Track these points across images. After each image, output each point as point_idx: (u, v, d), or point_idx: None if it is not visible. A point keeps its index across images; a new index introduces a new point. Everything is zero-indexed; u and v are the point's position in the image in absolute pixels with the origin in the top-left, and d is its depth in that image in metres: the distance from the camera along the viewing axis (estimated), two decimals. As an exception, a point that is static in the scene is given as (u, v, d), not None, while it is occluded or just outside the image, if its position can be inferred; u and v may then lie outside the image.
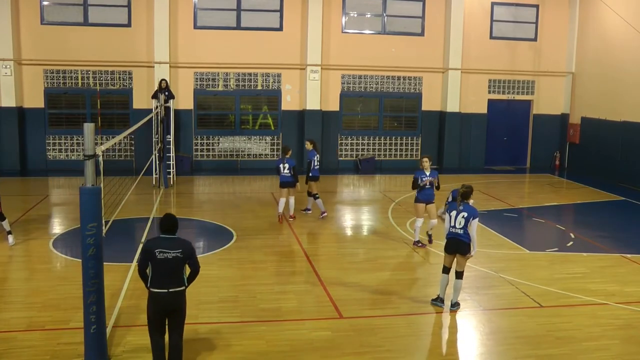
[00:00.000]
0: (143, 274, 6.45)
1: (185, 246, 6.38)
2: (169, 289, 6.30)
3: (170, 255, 6.28)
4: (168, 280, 6.30)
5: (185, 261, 6.37)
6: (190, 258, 6.40)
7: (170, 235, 6.41)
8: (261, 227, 13.30)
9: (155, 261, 6.29)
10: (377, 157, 21.89)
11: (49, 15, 19.52)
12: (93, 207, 6.65)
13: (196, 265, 6.48)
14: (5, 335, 7.64)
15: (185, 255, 6.35)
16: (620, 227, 14.28)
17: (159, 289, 6.32)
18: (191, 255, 6.42)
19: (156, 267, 6.31)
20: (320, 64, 20.67)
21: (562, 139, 22.84)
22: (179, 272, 6.35)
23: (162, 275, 6.31)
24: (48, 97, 19.80)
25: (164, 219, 6.48)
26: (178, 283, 6.37)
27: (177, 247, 6.33)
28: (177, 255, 6.30)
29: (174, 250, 6.30)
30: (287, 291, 9.47)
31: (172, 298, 6.34)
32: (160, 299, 6.33)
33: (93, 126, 6.69)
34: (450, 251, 8.77)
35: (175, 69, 20.04)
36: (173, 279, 6.32)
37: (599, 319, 8.64)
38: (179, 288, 6.37)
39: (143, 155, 19.15)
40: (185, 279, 6.46)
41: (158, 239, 6.43)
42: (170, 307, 6.38)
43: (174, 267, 6.31)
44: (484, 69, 22.06)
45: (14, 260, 10.86)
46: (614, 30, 19.99)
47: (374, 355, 7.37)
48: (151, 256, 6.30)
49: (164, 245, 6.33)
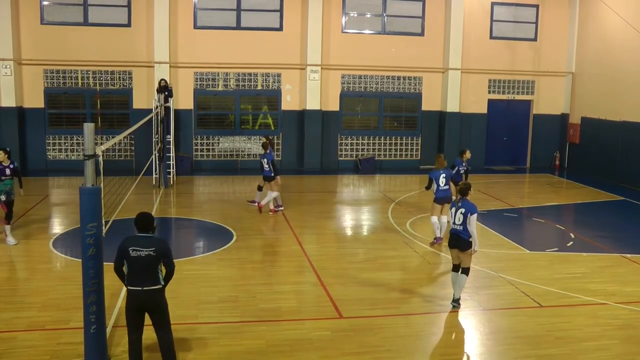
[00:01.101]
0: (118, 271, 6.54)
1: (159, 245, 6.41)
2: (143, 286, 6.35)
3: (143, 254, 6.32)
4: (142, 278, 6.35)
5: (159, 260, 6.39)
6: (164, 257, 6.41)
7: (145, 234, 6.46)
8: (261, 227, 13.31)
9: (129, 259, 6.36)
10: (377, 157, 21.89)
11: (49, 15, 19.52)
12: (93, 207, 6.65)
13: (171, 264, 6.47)
14: (5, 335, 7.64)
15: (159, 253, 6.37)
16: (620, 227, 14.28)
17: (133, 287, 6.38)
18: (165, 254, 6.42)
19: (130, 265, 6.38)
20: (320, 64, 20.68)
21: (562, 139, 22.84)
22: (153, 271, 6.37)
23: (136, 273, 6.36)
24: (48, 97, 19.81)
25: (139, 217, 6.53)
26: (153, 281, 6.39)
27: (150, 245, 6.36)
28: (150, 254, 6.33)
29: (147, 249, 6.34)
30: (287, 291, 9.46)
31: (147, 296, 6.38)
32: (135, 296, 6.39)
33: (93, 126, 6.69)
34: (451, 246, 8.95)
35: (175, 69, 20.05)
36: (147, 277, 6.36)
37: (598, 319, 8.64)
38: (154, 286, 6.40)
39: (143, 155, 19.16)
40: (160, 278, 6.46)
41: (133, 237, 6.47)
42: (146, 305, 6.43)
43: (148, 266, 6.34)
44: (484, 69, 22.06)
45: (14, 260, 10.87)
46: (614, 30, 19.99)
47: (374, 355, 7.37)
48: (125, 254, 6.37)
49: (137, 243, 6.38)
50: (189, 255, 11.41)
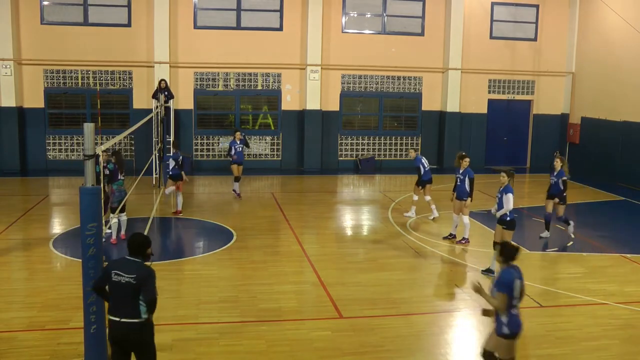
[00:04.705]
0: (97, 291, 5.97)
1: (140, 272, 5.68)
2: (121, 317, 5.65)
3: (123, 280, 5.66)
4: (121, 307, 5.67)
5: (138, 289, 5.63)
6: (143, 286, 5.63)
7: (133, 258, 5.79)
8: (261, 227, 13.31)
9: (111, 283, 5.74)
10: (377, 157, 21.89)
11: (49, 15, 19.52)
12: (93, 207, 6.64)
13: (150, 294, 5.64)
14: (5, 335, 7.65)
15: (138, 282, 5.62)
16: (620, 227, 14.28)
17: (112, 316, 5.71)
18: (145, 282, 5.64)
19: (111, 289, 5.77)
20: (320, 64, 20.68)
21: (562, 139, 22.84)
22: (132, 301, 5.63)
23: (116, 301, 5.73)
24: (48, 97, 19.81)
25: (131, 238, 5.91)
26: (132, 313, 5.65)
27: (132, 271, 5.67)
28: (130, 281, 5.63)
29: (127, 275, 5.66)
30: (287, 291, 9.47)
31: (125, 329, 5.65)
32: (113, 327, 5.72)
33: (93, 126, 6.67)
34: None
35: (175, 69, 20.05)
36: (126, 308, 5.65)
37: (598, 319, 8.64)
38: (133, 319, 5.64)
39: (143, 155, 19.16)
40: (142, 311, 5.68)
41: (119, 260, 5.89)
42: (124, 339, 5.72)
43: (126, 294, 5.64)
44: (484, 69, 22.06)
45: (14, 260, 10.87)
46: (614, 30, 20.00)
47: (374, 355, 7.37)
48: (108, 276, 5.76)
49: (121, 268, 5.74)
50: (189, 255, 11.43)
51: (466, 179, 12.09)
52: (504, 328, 6.20)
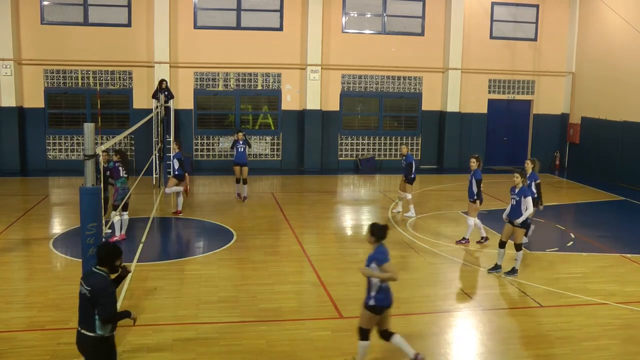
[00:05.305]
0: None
1: (95, 286, 5.45)
2: (81, 328, 5.57)
3: (82, 290, 5.53)
4: (81, 317, 5.57)
5: (93, 302, 5.43)
6: (97, 300, 5.42)
7: (98, 269, 5.56)
8: (261, 227, 13.31)
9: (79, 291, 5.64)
10: (377, 157, 21.89)
11: (49, 15, 19.52)
12: (93, 207, 6.64)
13: (102, 311, 5.42)
14: (5, 335, 7.65)
15: (92, 295, 5.43)
16: (620, 227, 14.29)
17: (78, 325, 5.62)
18: (98, 297, 5.41)
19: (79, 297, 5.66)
20: (320, 64, 20.68)
21: (562, 139, 22.84)
22: (87, 313, 5.49)
23: (79, 309, 5.61)
24: (48, 97, 19.81)
25: (98, 247, 5.75)
26: (87, 325, 5.51)
27: (90, 283, 5.48)
28: (85, 294, 5.49)
29: (85, 286, 5.50)
30: (287, 291, 9.47)
31: (81, 340, 5.56)
32: (76, 335, 5.64)
33: (93, 126, 6.69)
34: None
35: (175, 69, 20.05)
36: (83, 318, 5.54)
37: (598, 319, 8.64)
38: (87, 332, 5.50)
39: (143, 155, 19.16)
40: (97, 326, 5.48)
41: (90, 270, 5.68)
42: (81, 350, 5.63)
43: (84, 305, 5.53)
44: (484, 69, 22.06)
45: (14, 260, 10.87)
46: (614, 30, 19.99)
47: (374, 355, 7.36)
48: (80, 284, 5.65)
49: (85, 277, 5.64)
50: (189, 255, 11.43)
51: (473, 180, 12.01)
52: (370, 300, 6.62)
